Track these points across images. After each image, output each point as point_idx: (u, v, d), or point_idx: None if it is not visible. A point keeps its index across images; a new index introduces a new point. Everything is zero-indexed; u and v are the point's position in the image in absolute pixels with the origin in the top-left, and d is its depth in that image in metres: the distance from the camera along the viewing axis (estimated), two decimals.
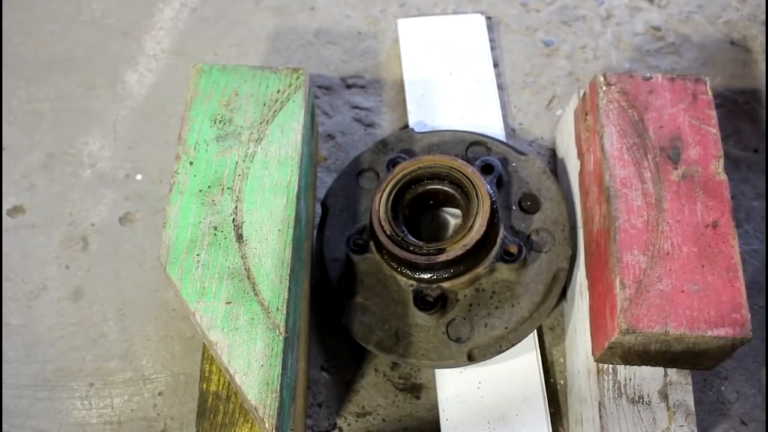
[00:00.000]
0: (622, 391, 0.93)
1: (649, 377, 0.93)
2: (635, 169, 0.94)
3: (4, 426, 1.07)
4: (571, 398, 1.05)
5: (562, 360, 1.10)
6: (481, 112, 1.23)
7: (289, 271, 0.92)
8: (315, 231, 1.14)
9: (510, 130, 1.27)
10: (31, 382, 1.10)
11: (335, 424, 1.07)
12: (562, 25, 1.38)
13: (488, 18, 1.38)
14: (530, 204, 1.07)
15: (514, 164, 1.11)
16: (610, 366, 0.94)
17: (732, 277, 0.87)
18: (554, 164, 1.24)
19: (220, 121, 1.02)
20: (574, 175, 1.10)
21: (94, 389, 1.10)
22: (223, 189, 0.97)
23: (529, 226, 1.06)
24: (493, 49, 1.34)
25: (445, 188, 1.06)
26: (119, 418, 1.08)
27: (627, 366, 0.94)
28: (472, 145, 1.13)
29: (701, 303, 0.86)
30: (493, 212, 1.00)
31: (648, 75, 1.01)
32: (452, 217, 1.15)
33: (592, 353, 0.94)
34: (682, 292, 0.86)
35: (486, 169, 1.07)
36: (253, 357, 0.87)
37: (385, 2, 1.40)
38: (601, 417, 0.92)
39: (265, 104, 1.03)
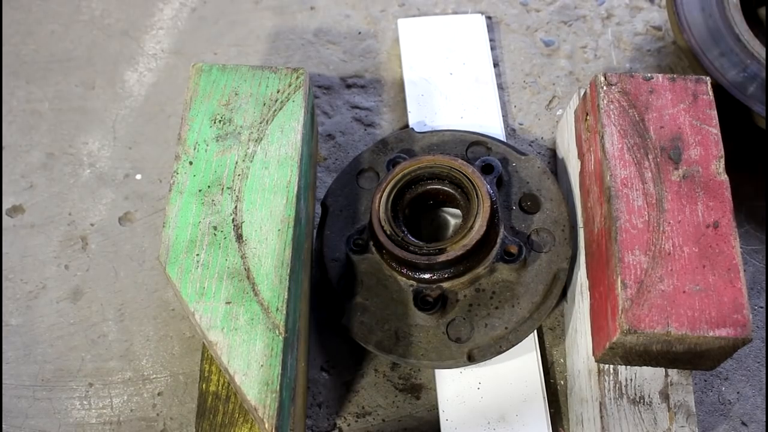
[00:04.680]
0: (623, 391, 0.93)
1: (650, 378, 0.93)
2: (636, 169, 0.94)
3: (3, 426, 1.07)
4: (572, 398, 1.05)
5: (562, 360, 1.10)
6: (481, 112, 1.23)
7: (289, 271, 0.91)
8: (315, 231, 1.13)
9: (510, 130, 1.27)
10: (31, 382, 1.10)
11: (335, 424, 1.07)
12: (562, 25, 1.37)
13: (488, 18, 1.38)
14: (530, 204, 1.07)
15: (514, 164, 1.10)
16: (611, 366, 0.94)
17: (733, 277, 0.87)
18: (554, 164, 1.23)
19: (219, 121, 1.01)
20: (574, 175, 1.10)
21: (93, 389, 1.09)
22: (222, 189, 0.97)
23: (529, 226, 1.06)
24: (493, 49, 1.34)
25: (445, 188, 1.06)
26: (118, 419, 1.07)
27: (628, 366, 0.93)
28: (472, 145, 1.13)
29: (702, 303, 0.86)
30: (493, 212, 1.00)
31: (649, 75, 1.00)
32: (452, 217, 1.14)
33: (593, 353, 0.94)
34: (684, 292, 0.86)
35: (486, 169, 1.07)
36: (252, 357, 0.87)
37: (385, 2, 1.40)
38: (602, 417, 0.91)
39: (264, 104, 1.03)
